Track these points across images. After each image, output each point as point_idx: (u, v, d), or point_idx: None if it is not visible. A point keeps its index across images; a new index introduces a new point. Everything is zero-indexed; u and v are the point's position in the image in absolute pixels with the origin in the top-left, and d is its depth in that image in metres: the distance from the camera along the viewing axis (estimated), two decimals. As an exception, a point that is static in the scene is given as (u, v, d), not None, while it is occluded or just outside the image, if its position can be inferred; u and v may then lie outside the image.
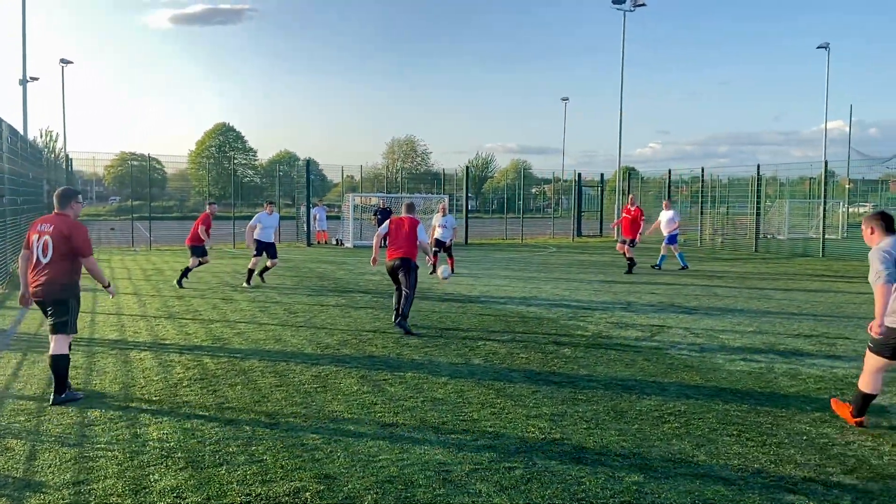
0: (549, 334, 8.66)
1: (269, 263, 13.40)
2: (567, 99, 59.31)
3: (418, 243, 8.82)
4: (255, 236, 13.01)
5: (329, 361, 7.14)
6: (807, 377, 6.70)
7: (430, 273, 14.38)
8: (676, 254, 17.15)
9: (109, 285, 6.09)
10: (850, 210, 34.62)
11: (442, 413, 5.47)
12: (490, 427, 5.15)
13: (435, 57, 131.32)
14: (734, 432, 5.09)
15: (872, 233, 5.19)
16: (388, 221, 9.16)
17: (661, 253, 17.32)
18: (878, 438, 5.00)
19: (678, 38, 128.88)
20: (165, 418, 5.30)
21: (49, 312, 5.73)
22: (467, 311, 10.44)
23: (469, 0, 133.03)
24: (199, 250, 12.94)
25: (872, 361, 5.16)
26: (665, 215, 17.27)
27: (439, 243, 14.93)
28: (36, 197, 18.41)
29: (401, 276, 8.66)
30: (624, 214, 16.87)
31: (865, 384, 5.19)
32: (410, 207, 9.25)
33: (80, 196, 6.00)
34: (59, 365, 5.65)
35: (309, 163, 28.53)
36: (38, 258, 5.68)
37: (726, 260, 20.30)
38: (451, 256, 15.08)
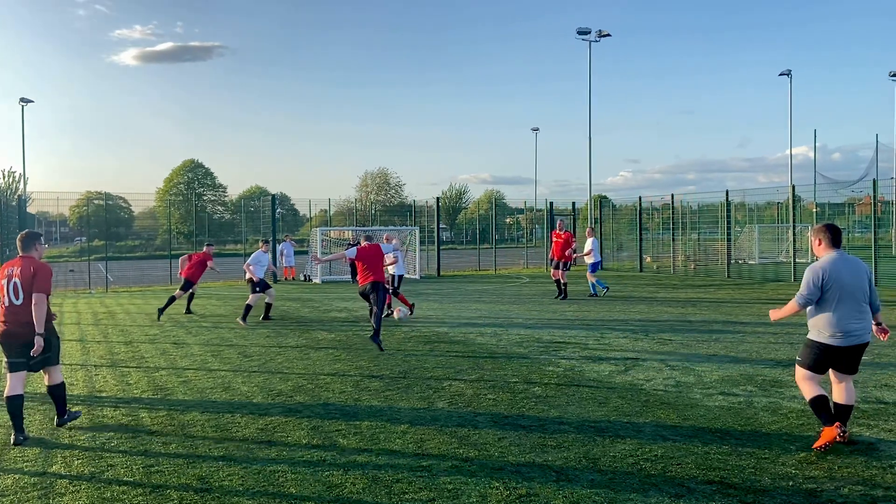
0: (519, 371, 8.20)
1: (263, 299, 13.60)
2: (538, 129, 59.23)
3: (389, 261, 10.79)
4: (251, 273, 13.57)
5: (279, 411, 6.58)
6: (788, 412, 6.33)
7: (387, 315, 13.15)
8: (590, 281, 17.16)
9: (42, 336, 5.74)
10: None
11: (396, 468, 4.95)
12: (449, 484, 4.64)
13: (407, 89, 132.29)
14: (716, 479, 4.66)
15: (820, 244, 5.40)
16: (356, 248, 10.48)
17: (594, 281, 17.14)
18: (868, 481, 4.60)
19: (643, 68, 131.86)
20: (84, 486, 4.70)
21: (32, 359, 5.84)
22: (434, 348, 9.95)
23: (439, 32, 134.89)
24: (188, 284, 14.19)
25: (799, 373, 5.42)
26: (586, 243, 17.26)
27: (395, 278, 14.00)
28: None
29: (372, 296, 10.10)
30: (554, 239, 16.73)
31: (807, 392, 5.36)
32: (369, 238, 10.87)
33: (42, 238, 6.25)
34: (60, 392, 6.11)
35: (275, 197, 27.99)
36: (10, 301, 5.83)
37: (699, 286, 20.12)
38: (398, 294, 13.70)
